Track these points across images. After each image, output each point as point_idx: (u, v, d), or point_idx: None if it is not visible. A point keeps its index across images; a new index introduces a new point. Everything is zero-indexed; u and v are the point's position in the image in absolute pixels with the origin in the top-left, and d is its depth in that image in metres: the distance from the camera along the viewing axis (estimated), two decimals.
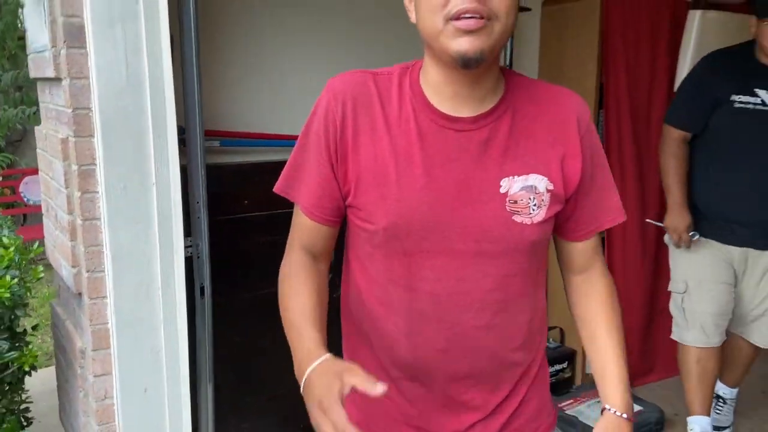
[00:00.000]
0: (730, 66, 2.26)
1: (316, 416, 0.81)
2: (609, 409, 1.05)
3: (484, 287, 0.99)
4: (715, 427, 2.51)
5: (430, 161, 0.97)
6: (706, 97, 2.26)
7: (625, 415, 1.04)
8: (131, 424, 1.84)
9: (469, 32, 0.87)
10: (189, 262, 1.90)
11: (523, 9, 2.90)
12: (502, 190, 0.98)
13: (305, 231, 1.06)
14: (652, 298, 3.04)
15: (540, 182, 0.99)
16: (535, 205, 0.99)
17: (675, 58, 2.86)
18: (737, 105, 2.21)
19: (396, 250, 1.00)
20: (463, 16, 0.87)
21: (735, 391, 2.64)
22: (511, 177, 0.98)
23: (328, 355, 0.87)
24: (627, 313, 2.93)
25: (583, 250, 1.11)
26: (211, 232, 1.97)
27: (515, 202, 0.98)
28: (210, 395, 2.01)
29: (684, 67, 2.79)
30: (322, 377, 0.83)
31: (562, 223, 1.08)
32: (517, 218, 0.98)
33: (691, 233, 2.37)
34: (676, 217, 2.37)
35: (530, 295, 1.07)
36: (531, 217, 0.99)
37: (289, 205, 1.10)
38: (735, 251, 2.37)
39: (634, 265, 2.99)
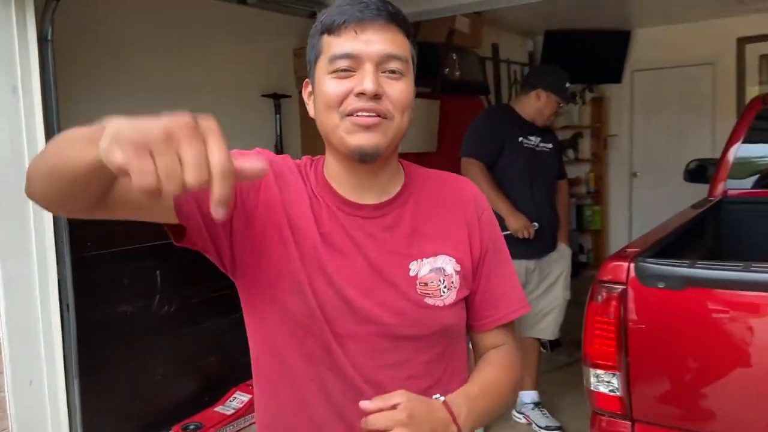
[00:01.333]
0: (509, 118, 3.07)
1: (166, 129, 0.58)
2: (438, 397, 0.95)
3: (402, 374, 0.96)
4: (556, 427, 3.15)
5: (342, 247, 0.96)
6: (497, 138, 2.99)
7: (442, 398, 0.94)
8: (20, 409, 2.44)
9: (365, 128, 0.91)
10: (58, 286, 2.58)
11: (283, 96, 4.02)
12: (412, 273, 0.97)
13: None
14: None
15: (448, 264, 0.99)
16: (445, 287, 0.98)
17: None
18: (525, 144, 3.00)
19: (310, 335, 0.95)
20: (357, 113, 0.91)
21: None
22: (419, 260, 0.98)
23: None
24: None
25: (490, 343, 1.07)
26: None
27: (425, 284, 0.97)
28: (77, 388, 2.66)
29: None
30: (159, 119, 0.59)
31: (469, 311, 1.05)
32: (429, 300, 0.97)
33: (533, 223, 2.94)
34: (517, 218, 2.90)
35: (451, 381, 1.01)
36: (443, 300, 0.98)
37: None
38: (531, 264, 3.00)
39: None
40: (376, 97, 0.90)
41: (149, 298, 3.16)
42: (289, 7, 3.56)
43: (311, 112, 1.00)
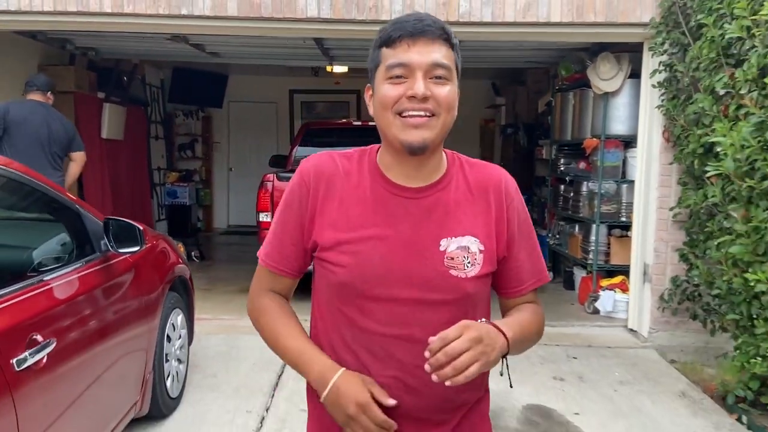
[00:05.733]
0: None
1: (353, 414, 1.07)
2: (483, 320, 1.13)
3: (428, 331, 1.10)
4: None
5: (382, 222, 1.17)
6: None
7: (484, 320, 1.14)
8: None
9: (415, 126, 1.10)
10: None
11: None
12: (441, 248, 1.16)
13: (274, 285, 1.27)
14: None
15: (473, 243, 1.18)
16: (468, 262, 1.17)
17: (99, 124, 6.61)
18: None
19: (350, 295, 1.17)
20: (408, 113, 1.10)
21: None
22: (449, 238, 1.17)
23: (344, 369, 1.12)
24: None
25: (518, 304, 1.28)
26: None
27: (452, 258, 1.16)
28: None
29: (105, 126, 6.60)
30: (351, 382, 1.07)
31: (498, 282, 1.25)
32: (453, 272, 1.16)
33: None
34: None
35: None
36: (465, 272, 1.17)
37: None
38: None
39: None
40: (425, 99, 1.10)
41: None
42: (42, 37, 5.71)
43: (371, 112, 1.20)
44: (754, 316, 3.21)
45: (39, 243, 2.44)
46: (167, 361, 3.18)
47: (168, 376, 3.18)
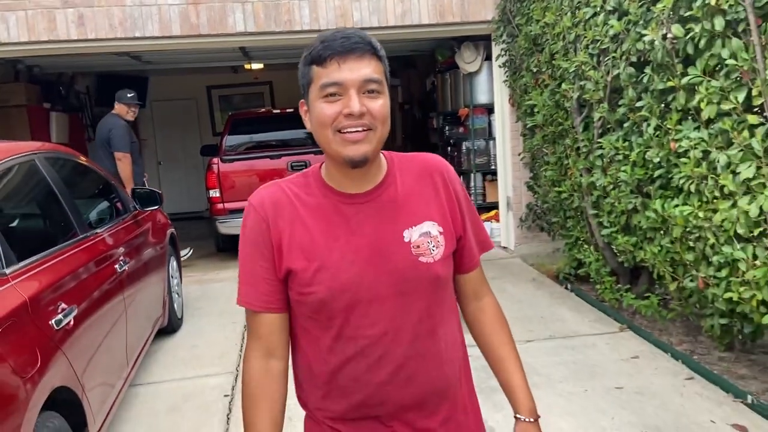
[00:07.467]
0: (127, 123, 6.80)
1: None
2: (520, 418, 1.31)
3: (412, 320, 1.22)
4: None
5: (343, 231, 1.21)
6: (132, 136, 6.70)
7: (532, 419, 1.31)
8: None
9: (354, 142, 1.14)
10: None
11: None
12: (406, 239, 1.22)
13: (263, 327, 1.24)
14: None
15: (432, 227, 1.24)
16: (433, 246, 1.23)
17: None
18: (133, 140, 6.91)
19: (336, 310, 1.20)
20: (347, 130, 1.13)
21: None
22: (410, 228, 1.22)
23: None
24: None
25: (472, 278, 1.36)
26: None
27: (418, 246, 1.22)
28: None
29: (53, 133, 7.51)
30: None
31: (455, 260, 1.30)
32: (422, 259, 1.22)
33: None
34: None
35: (448, 322, 1.29)
36: (433, 257, 1.22)
37: None
38: None
39: None
40: (361, 115, 1.13)
41: None
42: None
43: (308, 127, 1.22)
44: (566, 217, 4.86)
45: (90, 209, 3.67)
46: (172, 291, 4.44)
47: (174, 302, 4.45)
